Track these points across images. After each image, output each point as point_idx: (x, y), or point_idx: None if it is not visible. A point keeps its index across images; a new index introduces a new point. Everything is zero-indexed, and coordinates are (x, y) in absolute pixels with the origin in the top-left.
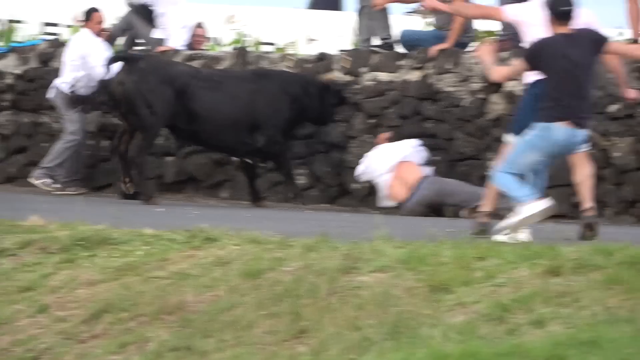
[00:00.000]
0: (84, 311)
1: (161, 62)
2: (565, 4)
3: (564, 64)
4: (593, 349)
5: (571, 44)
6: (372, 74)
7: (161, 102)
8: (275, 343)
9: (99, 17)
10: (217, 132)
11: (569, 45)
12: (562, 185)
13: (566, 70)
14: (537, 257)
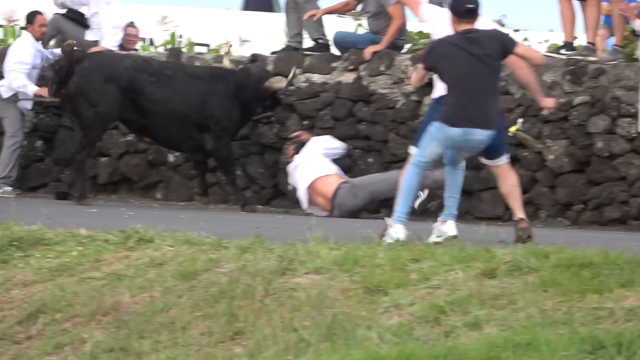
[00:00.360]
0: (19, 312)
1: (105, 59)
2: (468, 2)
3: (462, 65)
4: (529, 351)
5: (471, 44)
6: (305, 75)
7: (106, 101)
8: (211, 344)
9: (42, 19)
10: (165, 126)
11: (468, 46)
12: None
13: (463, 71)
14: (472, 260)
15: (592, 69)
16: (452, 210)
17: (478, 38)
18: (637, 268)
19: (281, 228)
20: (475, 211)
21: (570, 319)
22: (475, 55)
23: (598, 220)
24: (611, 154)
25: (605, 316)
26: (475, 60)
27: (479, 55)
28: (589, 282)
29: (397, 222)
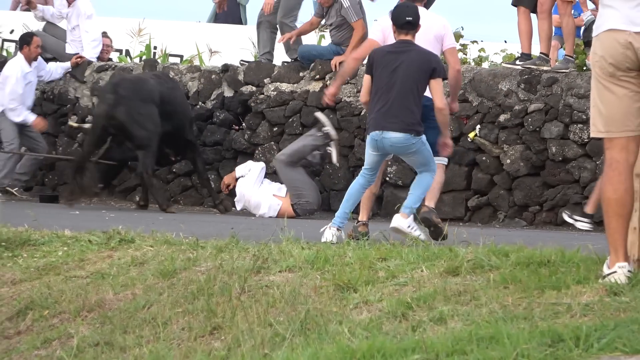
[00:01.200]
0: (8, 309)
1: (134, 83)
2: (408, 14)
3: (385, 70)
4: (492, 344)
5: (402, 55)
6: (274, 84)
7: (152, 119)
8: (191, 339)
9: (38, 41)
10: None
11: (398, 54)
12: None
13: (384, 79)
14: (436, 258)
15: (546, 78)
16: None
17: (409, 51)
18: (592, 266)
19: (255, 229)
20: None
21: (530, 314)
22: (398, 64)
23: (553, 221)
24: (564, 158)
25: (563, 311)
26: (397, 68)
27: (401, 65)
28: (547, 279)
29: (334, 225)
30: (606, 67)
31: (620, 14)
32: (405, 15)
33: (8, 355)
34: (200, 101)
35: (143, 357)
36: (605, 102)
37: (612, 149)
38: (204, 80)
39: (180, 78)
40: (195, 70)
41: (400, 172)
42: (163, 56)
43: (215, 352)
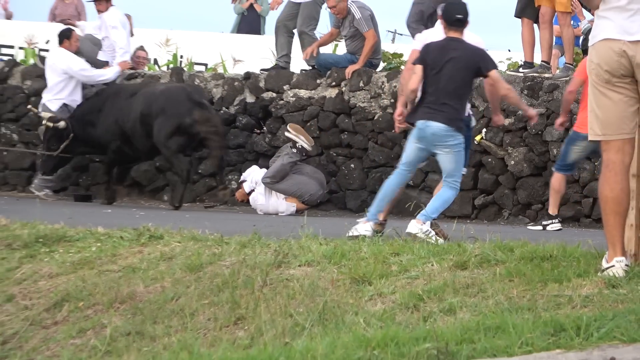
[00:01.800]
0: (46, 300)
1: None
2: (457, 12)
3: (434, 64)
4: (498, 333)
5: (450, 50)
6: (293, 90)
7: None
8: (216, 328)
9: (77, 35)
10: None
11: (447, 50)
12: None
13: (433, 73)
14: (446, 253)
15: (547, 85)
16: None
17: (457, 47)
18: (592, 260)
19: (275, 226)
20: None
21: (534, 305)
22: (447, 60)
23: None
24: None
25: (565, 302)
26: (445, 64)
27: (450, 61)
28: (550, 272)
29: (368, 220)
30: (602, 74)
31: (614, 24)
32: (456, 12)
33: (46, 344)
34: (223, 107)
35: (172, 346)
36: (601, 106)
37: (608, 151)
38: (227, 87)
39: (205, 85)
40: (219, 77)
41: None
42: (189, 64)
43: (239, 341)
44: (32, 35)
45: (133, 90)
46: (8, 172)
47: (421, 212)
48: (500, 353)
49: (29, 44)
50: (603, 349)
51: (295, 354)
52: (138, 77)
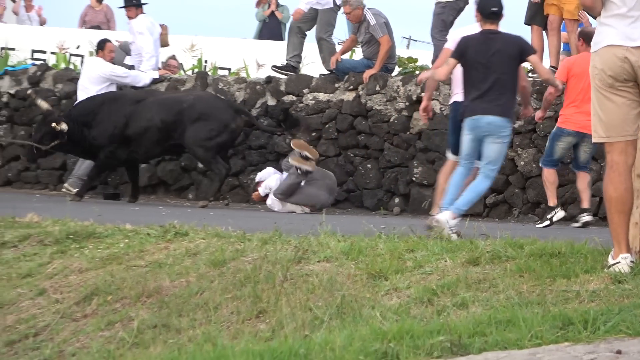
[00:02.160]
0: (76, 294)
1: None
2: (493, 5)
3: (479, 58)
4: (509, 326)
5: (492, 42)
6: (312, 94)
7: None
8: (239, 321)
9: (111, 46)
10: None
11: (489, 42)
12: None
13: (479, 63)
14: (459, 250)
15: None
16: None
17: (498, 38)
18: (598, 257)
19: (296, 223)
20: None
21: (543, 300)
22: (492, 52)
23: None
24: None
25: (573, 297)
26: (492, 57)
27: (495, 53)
28: (558, 268)
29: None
30: (606, 79)
31: (617, 31)
32: (491, 6)
33: (76, 336)
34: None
35: (196, 338)
36: (605, 110)
37: (612, 152)
38: (249, 90)
39: (228, 88)
40: (242, 81)
41: (425, 172)
42: (213, 69)
43: (260, 333)
44: (63, 41)
45: (137, 98)
46: (40, 171)
47: (455, 205)
48: (511, 346)
49: (60, 49)
50: (609, 342)
51: (314, 346)
52: (164, 81)
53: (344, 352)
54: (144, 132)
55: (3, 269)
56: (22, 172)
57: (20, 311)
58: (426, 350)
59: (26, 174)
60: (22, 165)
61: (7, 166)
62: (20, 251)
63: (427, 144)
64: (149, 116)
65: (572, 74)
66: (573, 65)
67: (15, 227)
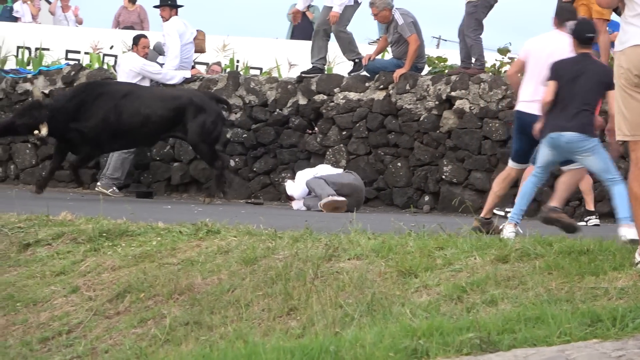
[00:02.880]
0: (109, 292)
1: None
2: (588, 31)
3: (567, 82)
4: (538, 324)
5: (584, 65)
6: (343, 93)
7: None
8: (270, 319)
9: (145, 42)
10: None
11: (581, 66)
12: None
13: (566, 87)
14: (488, 247)
15: None
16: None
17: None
18: (627, 254)
19: (326, 221)
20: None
21: (572, 297)
22: (584, 74)
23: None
24: None
25: (601, 295)
26: (583, 78)
27: (587, 75)
28: (587, 266)
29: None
30: (632, 79)
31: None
32: (587, 31)
33: (108, 333)
34: (277, 108)
35: (228, 335)
36: (630, 108)
37: (637, 150)
38: (280, 89)
39: (260, 88)
40: (273, 81)
41: (455, 170)
42: (245, 69)
43: (291, 330)
44: (97, 41)
45: (125, 92)
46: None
47: (623, 217)
48: (540, 342)
49: (94, 49)
50: (638, 338)
51: (344, 343)
52: (197, 81)
53: (374, 349)
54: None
55: (37, 266)
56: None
57: (54, 308)
58: (455, 347)
59: (60, 173)
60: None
61: (42, 165)
62: (53, 249)
63: (456, 143)
64: (132, 110)
65: None
66: None
67: (49, 225)
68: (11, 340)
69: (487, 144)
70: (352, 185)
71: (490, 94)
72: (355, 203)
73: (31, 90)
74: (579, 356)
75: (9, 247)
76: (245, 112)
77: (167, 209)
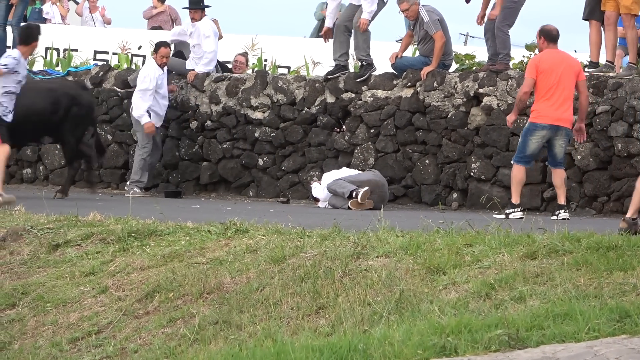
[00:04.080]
0: (138, 292)
1: None
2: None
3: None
4: (566, 320)
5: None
6: (371, 91)
7: None
8: (299, 317)
9: (164, 52)
10: None
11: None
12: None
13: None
14: (516, 244)
15: (612, 83)
16: None
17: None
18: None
19: (354, 219)
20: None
21: (600, 293)
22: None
23: (619, 210)
24: (629, 154)
25: (630, 290)
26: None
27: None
28: (615, 261)
29: None
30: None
31: None
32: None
33: (138, 333)
34: (305, 107)
35: (257, 334)
36: None
37: None
38: (308, 88)
39: (288, 87)
40: (301, 79)
41: (483, 167)
42: (273, 67)
43: (320, 329)
44: (125, 42)
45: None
46: (102, 170)
47: None
48: (569, 338)
49: (122, 49)
50: None
51: (373, 341)
52: (224, 80)
53: (402, 346)
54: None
55: (66, 267)
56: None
57: (83, 309)
58: (484, 344)
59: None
60: (85, 165)
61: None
62: (83, 249)
63: (484, 140)
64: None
65: (541, 71)
66: (540, 62)
67: (78, 225)
68: (41, 341)
69: (514, 140)
70: (372, 181)
71: (517, 90)
72: (379, 199)
73: None
74: (607, 352)
75: (38, 248)
76: (273, 111)
77: (196, 209)
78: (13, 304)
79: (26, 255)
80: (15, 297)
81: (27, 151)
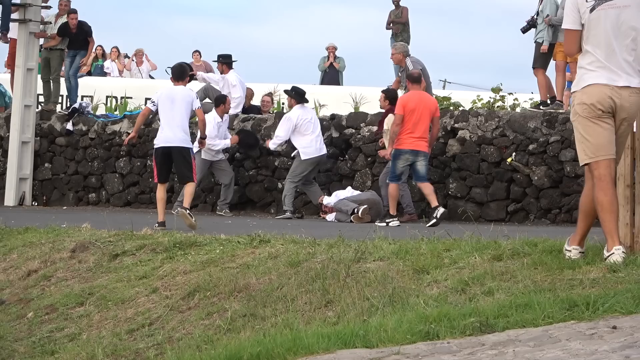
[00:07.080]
0: (182, 291)
1: None
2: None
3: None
4: (527, 309)
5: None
6: (368, 127)
7: None
8: (311, 310)
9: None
10: None
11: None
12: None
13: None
14: (485, 248)
15: (561, 118)
16: None
17: None
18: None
19: (356, 231)
20: (485, 215)
21: (554, 287)
22: None
23: (569, 220)
24: (576, 175)
25: (577, 284)
26: None
27: None
28: (565, 261)
29: None
30: (595, 111)
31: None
32: None
33: (182, 325)
34: None
35: (277, 324)
36: (593, 134)
37: (599, 169)
38: None
39: None
40: None
41: (459, 187)
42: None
43: (328, 319)
44: None
45: None
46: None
47: None
48: (528, 324)
49: None
50: (607, 319)
51: (371, 328)
52: (250, 120)
53: (394, 332)
54: None
55: (124, 272)
56: (139, 195)
57: (138, 306)
58: (460, 330)
59: (142, 197)
60: (138, 189)
61: (127, 190)
62: (137, 258)
63: (459, 165)
64: None
65: (408, 109)
66: (407, 102)
67: (133, 238)
68: (104, 332)
69: (484, 165)
70: (370, 200)
71: (485, 125)
72: (376, 213)
73: (118, 130)
74: (560, 334)
75: (101, 258)
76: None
77: (228, 224)
78: (81, 302)
79: (92, 263)
80: (83, 297)
81: (92, 179)
